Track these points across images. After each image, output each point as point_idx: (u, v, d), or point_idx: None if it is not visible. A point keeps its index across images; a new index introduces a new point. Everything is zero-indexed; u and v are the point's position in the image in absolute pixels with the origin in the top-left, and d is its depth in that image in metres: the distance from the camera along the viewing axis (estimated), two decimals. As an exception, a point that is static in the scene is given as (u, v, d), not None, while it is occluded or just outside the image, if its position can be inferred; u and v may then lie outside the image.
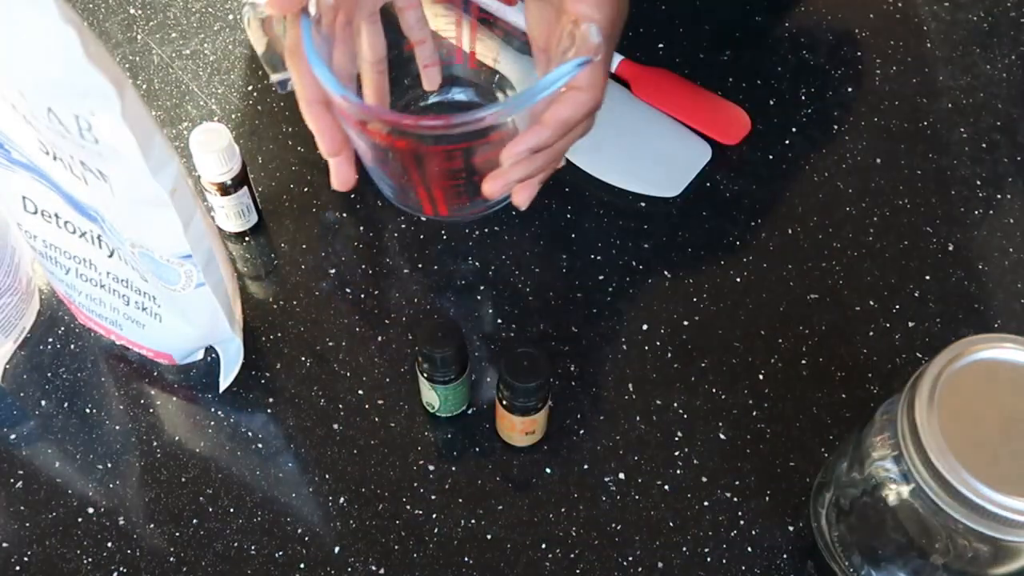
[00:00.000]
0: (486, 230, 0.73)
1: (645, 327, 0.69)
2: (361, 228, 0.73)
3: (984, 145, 0.77)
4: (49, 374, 0.68)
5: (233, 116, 0.77)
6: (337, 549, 0.62)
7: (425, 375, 0.62)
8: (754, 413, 0.66)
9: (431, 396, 0.64)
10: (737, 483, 0.64)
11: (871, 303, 0.70)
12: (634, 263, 0.71)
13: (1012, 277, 0.72)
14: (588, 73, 0.57)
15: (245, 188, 0.69)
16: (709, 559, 0.62)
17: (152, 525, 0.63)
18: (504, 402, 0.61)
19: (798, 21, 0.81)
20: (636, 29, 0.80)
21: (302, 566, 0.61)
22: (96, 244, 0.60)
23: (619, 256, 0.71)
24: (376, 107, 0.66)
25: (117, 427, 0.66)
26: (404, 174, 0.65)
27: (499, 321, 0.69)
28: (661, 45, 0.80)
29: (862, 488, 0.56)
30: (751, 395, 0.67)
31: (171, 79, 0.78)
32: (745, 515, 0.63)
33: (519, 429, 0.63)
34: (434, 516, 0.63)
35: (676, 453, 0.65)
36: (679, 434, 0.65)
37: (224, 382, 0.66)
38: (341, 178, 0.62)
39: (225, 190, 0.68)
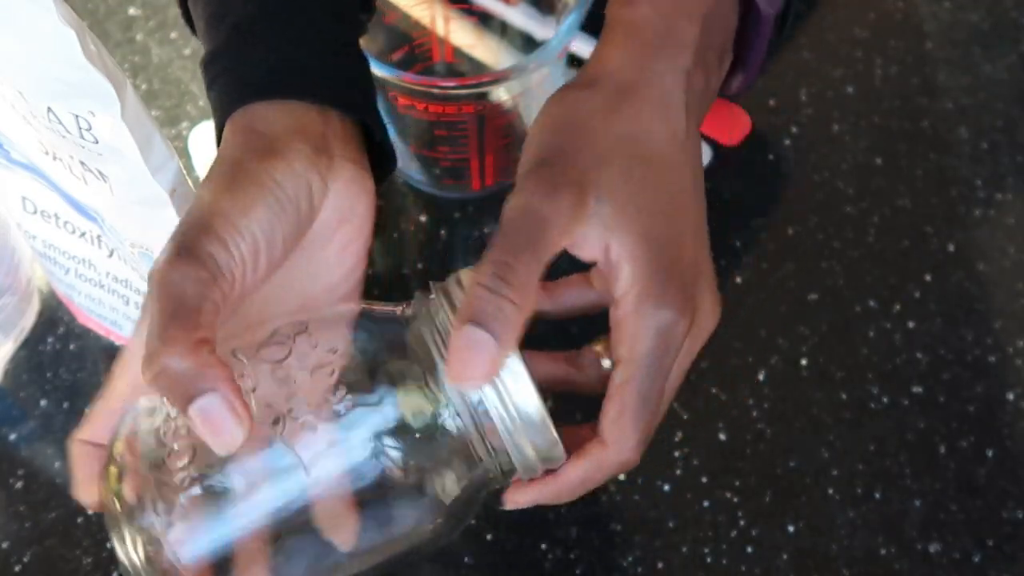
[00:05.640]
0: (486, 230, 0.72)
1: (645, 327, 0.69)
2: (361, 228, 0.73)
3: (984, 145, 0.77)
4: (49, 374, 0.68)
5: (233, 116, 0.77)
6: (337, 549, 0.62)
7: (425, 375, 0.62)
8: (754, 413, 0.66)
9: (431, 396, 0.64)
10: (737, 483, 0.64)
11: (871, 303, 0.70)
12: (634, 263, 0.71)
13: (1012, 277, 0.72)
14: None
15: (245, 188, 0.69)
16: (709, 559, 0.62)
17: (152, 525, 0.63)
18: (504, 402, 0.61)
19: (798, 21, 0.81)
20: (636, 29, 0.80)
21: (302, 566, 0.61)
22: (96, 244, 0.60)
23: (619, 256, 0.71)
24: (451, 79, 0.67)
25: (117, 427, 0.66)
26: (460, 147, 0.67)
27: (499, 321, 0.69)
28: (661, 45, 0.79)
29: None
30: (751, 395, 0.67)
31: (171, 79, 0.78)
32: (745, 515, 0.63)
33: (519, 429, 0.63)
34: (434, 516, 0.63)
35: (676, 453, 0.65)
36: (679, 434, 0.65)
37: (224, 382, 0.66)
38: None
39: (225, 190, 0.68)
